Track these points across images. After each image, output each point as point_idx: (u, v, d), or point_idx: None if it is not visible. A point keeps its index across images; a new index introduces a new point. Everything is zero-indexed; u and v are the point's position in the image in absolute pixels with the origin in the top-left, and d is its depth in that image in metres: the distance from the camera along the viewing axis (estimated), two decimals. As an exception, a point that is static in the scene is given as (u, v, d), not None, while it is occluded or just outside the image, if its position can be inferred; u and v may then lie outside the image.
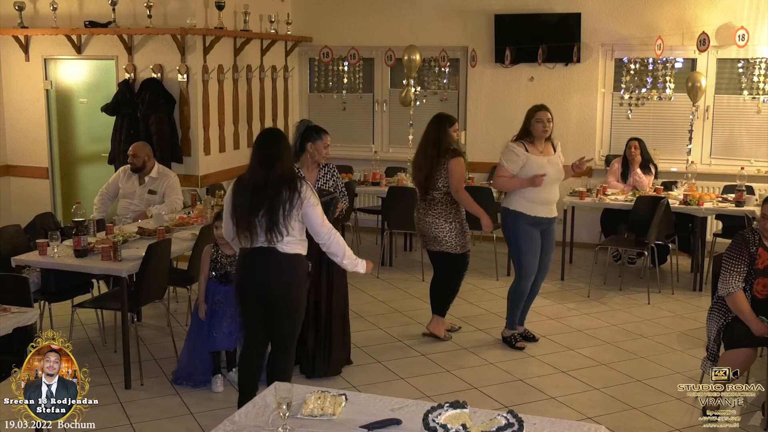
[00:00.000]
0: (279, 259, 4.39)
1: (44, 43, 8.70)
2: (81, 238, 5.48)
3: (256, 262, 4.42)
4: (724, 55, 8.91)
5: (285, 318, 4.53)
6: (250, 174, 4.44)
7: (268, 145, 4.45)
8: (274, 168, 4.37)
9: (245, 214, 4.37)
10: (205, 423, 4.78)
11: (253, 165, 4.45)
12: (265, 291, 4.44)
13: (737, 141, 9.05)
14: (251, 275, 4.45)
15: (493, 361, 5.93)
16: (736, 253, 4.67)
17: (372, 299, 7.38)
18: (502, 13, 9.39)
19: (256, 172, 4.40)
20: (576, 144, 9.35)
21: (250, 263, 4.44)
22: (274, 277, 4.41)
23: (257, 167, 4.41)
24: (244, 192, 4.41)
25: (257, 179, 4.37)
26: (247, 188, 4.40)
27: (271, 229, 4.33)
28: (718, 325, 4.77)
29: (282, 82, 10.03)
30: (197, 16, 8.17)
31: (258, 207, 4.33)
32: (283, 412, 2.92)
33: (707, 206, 7.57)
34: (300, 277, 4.52)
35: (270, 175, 4.35)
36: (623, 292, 7.70)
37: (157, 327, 6.61)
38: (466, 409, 2.86)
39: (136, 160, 7.06)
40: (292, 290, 4.48)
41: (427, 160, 6.08)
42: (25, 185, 9.11)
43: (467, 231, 6.23)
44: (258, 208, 4.33)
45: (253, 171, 4.43)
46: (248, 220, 4.36)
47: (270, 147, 4.44)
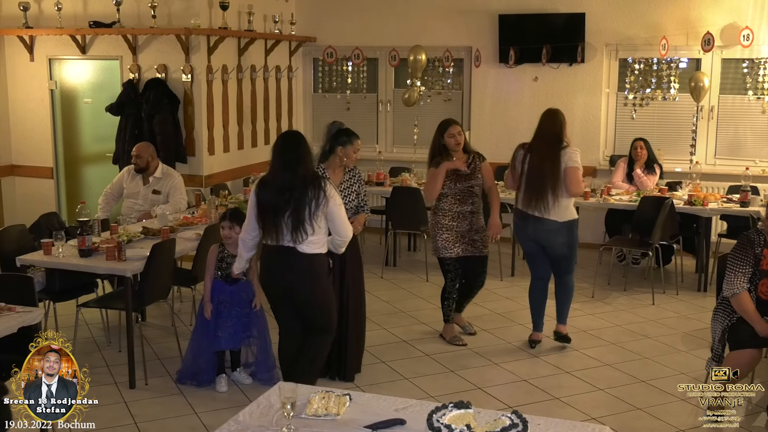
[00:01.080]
0: (299, 260, 4.58)
1: (49, 43, 8.72)
2: (85, 237, 5.49)
3: (279, 261, 4.60)
4: (729, 55, 8.90)
5: (313, 312, 4.77)
6: (273, 176, 4.58)
7: (290, 148, 4.59)
8: (298, 170, 4.52)
9: (271, 216, 4.53)
10: (209, 423, 4.78)
11: (276, 167, 4.58)
12: (287, 289, 4.67)
13: (742, 141, 9.03)
14: (274, 273, 4.66)
15: (497, 361, 5.92)
16: (741, 253, 4.66)
17: (376, 299, 7.37)
18: (506, 13, 9.39)
19: (280, 175, 4.54)
20: (580, 144, 9.24)
21: (275, 260, 4.63)
22: (294, 277, 4.62)
23: (281, 170, 4.55)
24: (268, 194, 4.55)
25: (282, 181, 4.52)
26: (271, 190, 4.54)
27: (296, 228, 4.50)
28: (723, 326, 4.76)
29: (286, 82, 10.03)
30: (201, 16, 8.18)
31: (284, 208, 4.50)
32: (287, 411, 2.92)
33: (712, 207, 7.55)
34: (319, 275, 4.71)
35: (294, 177, 4.51)
36: (627, 293, 7.69)
37: (161, 327, 6.62)
38: (471, 409, 2.86)
39: (139, 161, 7.07)
40: (313, 288, 4.70)
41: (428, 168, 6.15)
42: (30, 185, 9.12)
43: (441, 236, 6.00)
44: (284, 209, 4.50)
45: (276, 173, 4.57)
46: (275, 221, 4.52)
47: (292, 150, 4.58)
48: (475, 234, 6.04)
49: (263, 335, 5.42)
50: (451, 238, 6.00)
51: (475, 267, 6.15)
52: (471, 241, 6.04)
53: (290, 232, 4.52)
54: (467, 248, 6.04)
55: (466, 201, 6.00)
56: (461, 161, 5.95)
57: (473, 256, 6.07)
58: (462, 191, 5.98)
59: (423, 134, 9.74)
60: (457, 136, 5.93)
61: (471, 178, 5.98)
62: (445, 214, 6.00)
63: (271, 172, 4.63)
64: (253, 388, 5.26)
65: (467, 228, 6.01)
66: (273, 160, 4.65)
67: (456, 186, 5.97)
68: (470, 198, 6.01)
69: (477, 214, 6.06)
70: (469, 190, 6.00)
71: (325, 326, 4.83)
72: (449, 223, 5.99)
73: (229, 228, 5.27)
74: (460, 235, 6.00)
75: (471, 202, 6.01)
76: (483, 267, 6.19)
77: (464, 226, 6.00)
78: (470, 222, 6.02)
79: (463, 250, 6.03)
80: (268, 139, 9.59)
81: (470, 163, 5.99)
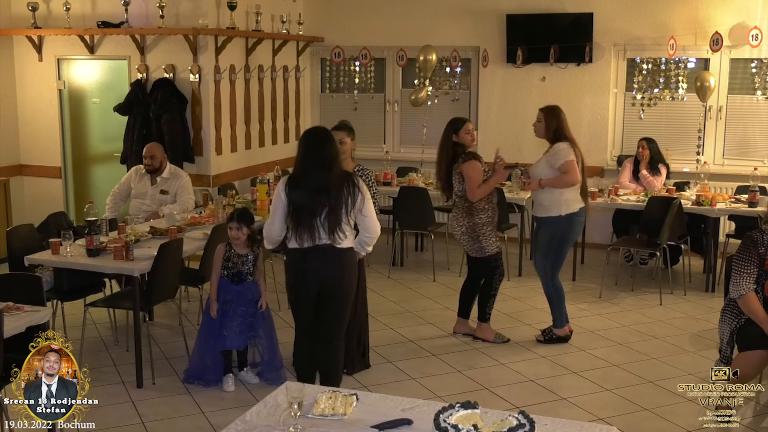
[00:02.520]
0: (338, 255, 4.53)
1: (57, 43, 8.74)
2: (93, 237, 5.51)
3: (318, 258, 4.50)
4: (738, 55, 8.87)
5: (338, 310, 4.67)
6: (307, 176, 4.45)
7: (323, 146, 4.48)
8: (333, 169, 4.45)
9: (307, 216, 4.42)
10: (216, 422, 4.79)
11: (310, 167, 4.45)
12: (326, 285, 4.56)
13: (750, 141, 9.00)
14: (311, 271, 4.52)
15: (504, 361, 5.92)
16: (746, 254, 4.64)
17: (383, 299, 7.37)
18: (513, 13, 9.38)
19: (316, 175, 4.42)
20: (588, 144, 9.30)
21: (312, 259, 4.50)
22: (335, 272, 4.55)
23: (316, 170, 4.43)
24: (303, 194, 4.43)
25: (318, 182, 4.42)
26: (306, 190, 4.43)
27: (333, 229, 4.44)
28: (731, 327, 4.74)
29: (293, 82, 10.04)
30: (209, 16, 8.19)
31: (320, 209, 4.41)
32: (294, 411, 2.92)
33: (720, 207, 7.53)
34: (355, 270, 4.72)
35: (330, 177, 4.43)
36: (635, 293, 7.67)
37: (168, 326, 6.63)
38: (478, 409, 2.86)
39: (153, 161, 7.07)
40: (350, 283, 4.68)
41: (441, 167, 6.14)
42: (38, 185, 9.15)
43: (485, 235, 6.05)
44: (321, 211, 4.41)
45: (311, 173, 4.44)
46: (310, 222, 4.42)
47: (325, 147, 4.48)
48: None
49: (270, 335, 5.43)
50: (492, 233, 6.10)
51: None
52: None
53: (327, 233, 4.44)
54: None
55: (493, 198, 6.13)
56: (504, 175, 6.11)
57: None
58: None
59: (431, 134, 9.75)
60: (473, 132, 6.05)
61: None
62: (483, 211, 6.02)
63: (304, 172, 4.48)
64: (260, 388, 5.27)
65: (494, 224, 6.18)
66: (305, 158, 4.49)
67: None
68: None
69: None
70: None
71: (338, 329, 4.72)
72: (487, 219, 6.05)
73: (237, 229, 5.27)
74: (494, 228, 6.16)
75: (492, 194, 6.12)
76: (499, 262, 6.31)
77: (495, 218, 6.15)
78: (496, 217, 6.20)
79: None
80: (275, 139, 9.60)
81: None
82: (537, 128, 6.16)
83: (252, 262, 5.35)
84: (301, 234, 4.46)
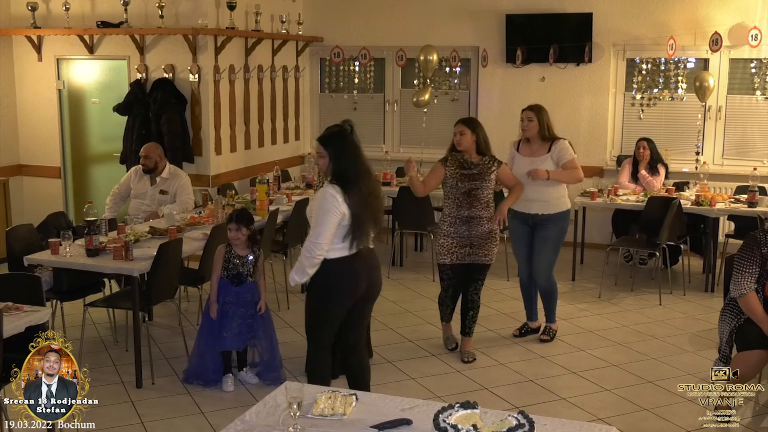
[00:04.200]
0: (376, 257, 4.59)
1: (57, 43, 8.74)
2: (93, 237, 5.51)
3: (370, 262, 4.48)
4: (737, 55, 8.87)
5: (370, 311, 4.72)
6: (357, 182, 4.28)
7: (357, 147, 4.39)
8: (371, 171, 4.45)
9: (365, 224, 4.34)
10: (215, 422, 4.79)
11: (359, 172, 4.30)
12: (373, 287, 4.55)
13: (750, 141, 9.00)
14: (365, 276, 4.45)
15: (503, 361, 5.92)
16: (748, 254, 4.65)
17: (382, 299, 7.32)
18: (513, 13, 9.38)
19: (367, 181, 4.34)
20: (587, 144, 9.33)
21: (367, 263, 4.45)
22: (378, 273, 4.59)
23: (366, 175, 4.34)
24: (360, 201, 4.28)
25: (369, 187, 4.35)
26: (362, 197, 4.29)
27: (377, 231, 4.49)
28: (731, 327, 4.75)
29: (293, 82, 10.04)
30: (209, 16, 8.19)
31: (372, 215, 4.37)
32: (293, 411, 2.92)
33: (719, 207, 7.53)
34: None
35: (376, 181, 4.47)
36: (634, 293, 7.67)
37: (168, 326, 6.63)
38: (477, 409, 2.86)
39: (148, 161, 7.08)
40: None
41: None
42: (38, 185, 9.15)
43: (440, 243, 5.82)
44: (372, 217, 4.37)
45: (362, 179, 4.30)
46: (367, 229, 4.37)
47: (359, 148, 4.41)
48: (475, 240, 5.70)
49: (269, 336, 5.43)
50: (446, 244, 5.76)
51: (472, 274, 5.85)
52: (470, 247, 5.72)
53: (372, 236, 4.45)
54: (465, 256, 5.74)
55: (464, 205, 5.68)
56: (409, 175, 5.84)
57: (473, 263, 5.78)
58: (464, 193, 5.69)
59: (430, 134, 9.75)
60: (457, 135, 5.76)
61: (477, 179, 5.69)
62: (445, 219, 5.79)
63: (352, 178, 4.27)
64: (260, 388, 5.27)
65: (465, 234, 5.69)
66: (347, 164, 4.28)
67: (458, 186, 5.69)
68: (472, 201, 5.68)
69: (478, 219, 5.68)
70: (472, 194, 5.68)
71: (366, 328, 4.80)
72: (447, 228, 5.75)
73: (236, 230, 5.27)
74: (457, 241, 5.72)
75: (470, 206, 5.68)
76: (480, 275, 5.87)
77: (462, 232, 5.69)
78: (469, 228, 5.67)
79: (458, 257, 5.75)
80: (275, 139, 9.60)
81: (479, 164, 5.74)
82: (528, 127, 6.15)
83: (252, 264, 5.35)
84: (354, 240, 4.31)
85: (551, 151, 6.07)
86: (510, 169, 6.02)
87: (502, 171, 5.80)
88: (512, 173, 5.97)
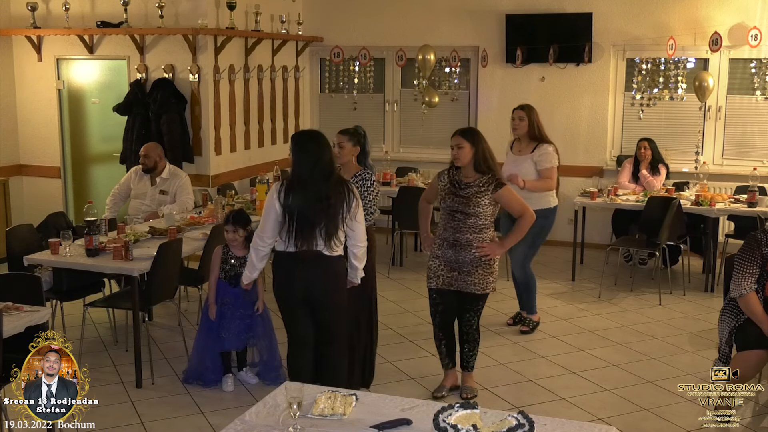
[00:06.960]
0: (328, 263, 4.45)
1: (57, 43, 8.74)
2: (93, 237, 5.51)
3: (308, 265, 4.42)
4: (737, 55, 8.87)
5: (333, 317, 4.60)
6: (304, 183, 4.33)
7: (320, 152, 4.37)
8: (332, 178, 4.40)
9: (307, 225, 4.33)
10: (215, 422, 4.79)
11: (308, 173, 4.33)
12: (314, 293, 4.48)
13: (750, 141, 9.00)
14: (300, 278, 4.44)
15: (503, 361, 5.92)
16: (748, 254, 4.65)
17: (382, 299, 7.35)
18: (513, 13, 9.38)
19: (317, 184, 4.33)
20: (587, 144, 9.34)
21: (302, 264, 4.42)
22: (322, 280, 4.47)
23: (317, 178, 4.33)
24: (301, 202, 4.32)
25: (319, 191, 4.32)
26: (305, 199, 4.31)
27: (330, 237, 4.38)
28: (730, 327, 4.75)
29: (293, 82, 10.04)
30: (208, 16, 8.19)
31: (320, 217, 4.33)
32: (293, 411, 2.92)
33: (719, 207, 7.53)
34: (344, 278, 4.64)
35: (330, 186, 4.36)
36: (634, 293, 7.67)
37: (168, 326, 6.63)
38: (477, 409, 2.86)
39: (147, 161, 7.08)
40: (337, 292, 4.57)
41: None
42: (38, 185, 9.15)
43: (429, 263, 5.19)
44: (321, 220, 4.33)
45: (310, 181, 4.33)
46: (311, 231, 4.34)
47: (322, 153, 4.38)
48: (464, 266, 4.98)
49: (268, 336, 5.43)
50: (433, 266, 5.10)
51: (463, 303, 5.12)
52: (459, 273, 5.01)
53: (324, 241, 4.36)
54: (453, 281, 5.05)
55: (449, 227, 5.02)
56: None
57: (463, 292, 5.06)
58: (449, 214, 5.02)
59: (430, 134, 9.75)
60: (454, 149, 4.98)
61: (463, 202, 4.95)
62: (436, 240, 5.14)
63: (301, 178, 4.35)
64: (260, 388, 5.27)
65: (452, 258, 5.00)
66: (301, 164, 4.36)
67: (444, 203, 5.06)
68: (457, 225, 4.98)
69: (466, 245, 4.96)
70: (456, 216, 4.98)
71: (339, 333, 4.65)
72: (436, 250, 5.11)
73: (233, 231, 5.27)
74: (445, 264, 5.05)
75: (455, 229, 4.99)
76: (471, 305, 5.12)
77: (449, 256, 5.01)
78: (455, 252, 4.98)
79: (445, 282, 5.07)
80: (274, 139, 9.60)
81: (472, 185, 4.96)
82: (519, 127, 6.31)
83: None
84: (296, 240, 4.36)
85: (533, 153, 6.21)
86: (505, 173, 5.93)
87: (502, 195, 4.95)
88: (517, 197, 5.10)
